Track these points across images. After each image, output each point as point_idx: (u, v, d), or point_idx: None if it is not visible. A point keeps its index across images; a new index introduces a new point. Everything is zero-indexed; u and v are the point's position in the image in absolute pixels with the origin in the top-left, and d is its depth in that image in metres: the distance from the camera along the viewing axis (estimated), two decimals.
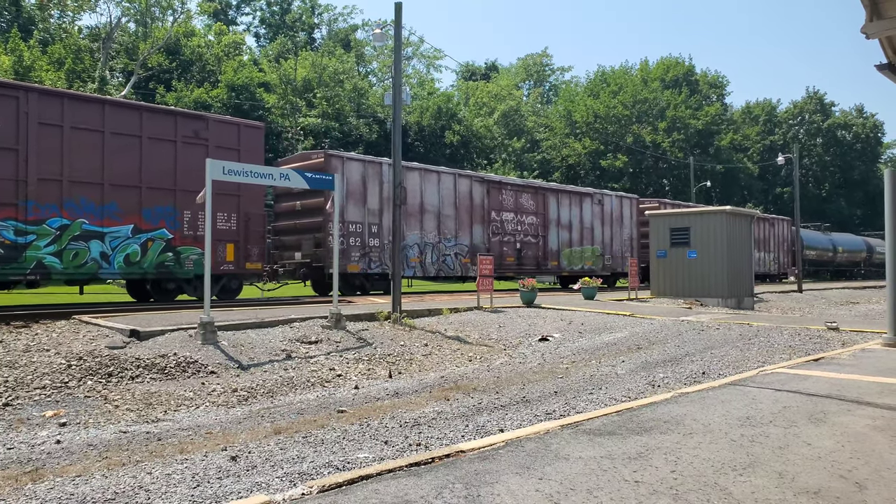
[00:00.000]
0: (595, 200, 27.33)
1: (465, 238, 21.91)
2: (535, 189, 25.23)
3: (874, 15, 6.70)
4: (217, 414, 6.91)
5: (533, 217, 24.63)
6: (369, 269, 19.17)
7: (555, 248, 25.26)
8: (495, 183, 23.65)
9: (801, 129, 71.05)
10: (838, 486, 3.63)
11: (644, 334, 12.05)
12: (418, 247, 20.45)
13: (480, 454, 4.25)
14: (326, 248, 17.82)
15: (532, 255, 24.36)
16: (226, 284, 15.97)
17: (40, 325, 10.37)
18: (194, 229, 14.91)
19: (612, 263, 27.72)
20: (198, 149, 14.79)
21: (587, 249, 26.69)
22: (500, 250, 23.04)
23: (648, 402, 5.87)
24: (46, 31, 43.57)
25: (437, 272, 21.16)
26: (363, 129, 48.20)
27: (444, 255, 21.21)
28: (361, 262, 18.95)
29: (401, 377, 9.02)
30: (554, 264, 25.22)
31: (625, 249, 28.43)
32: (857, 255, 49.48)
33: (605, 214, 27.68)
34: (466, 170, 23.05)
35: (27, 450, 5.50)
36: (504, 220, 23.49)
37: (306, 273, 18.91)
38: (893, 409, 5.46)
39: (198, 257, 14.74)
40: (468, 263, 21.66)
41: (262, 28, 65.41)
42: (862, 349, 9.45)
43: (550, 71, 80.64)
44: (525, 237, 24.21)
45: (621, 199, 28.97)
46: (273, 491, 3.80)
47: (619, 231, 28.37)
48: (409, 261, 20.00)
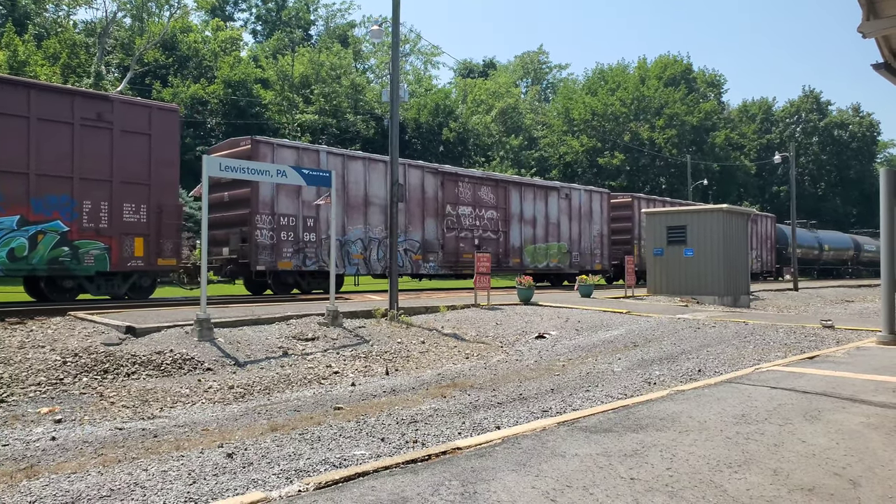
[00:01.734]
0: (562, 195, 26.00)
1: (417, 233, 20.60)
2: (496, 182, 23.89)
3: (871, 14, 6.70)
4: (213, 411, 6.91)
5: (493, 211, 23.28)
6: (304, 265, 17.81)
7: (517, 245, 23.96)
8: (451, 175, 22.17)
9: (798, 127, 71.24)
10: (832, 483, 3.64)
11: (640, 332, 12.07)
12: (362, 242, 19.12)
13: (477, 451, 4.25)
14: (253, 244, 16.70)
15: (492, 252, 22.84)
16: (137, 282, 14.72)
17: (35, 322, 10.33)
18: (96, 221, 13.46)
19: (581, 261, 26.59)
20: (101, 133, 13.52)
21: (553, 246, 25.41)
22: (455, 246, 21.77)
23: (645, 400, 5.88)
24: (42, 25, 43.39)
25: (385, 269, 19.41)
26: (360, 125, 48.15)
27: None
28: (295, 258, 17.62)
29: (398, 374, 9.02)
30: (516, 262, 23.99)
31: (594, 246, 27.38)
32: (844, 252, 48.47)
33: (572, 209, 26.36)
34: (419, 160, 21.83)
35: (22, 446, 5.49)
36: (461, 215, 22.14)
37: (233, 270, 17.67)
38: (888, 407, 5.48)
39: (101, 252, 13.52)
40: (420, 260, 20.61)
41: (258, 25, 65.28)
42: (857, 347, 9.48)
43: (548, 69, 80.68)
44: (484, 233, 22.88)
45: (590, 193, 27.72)
46: (269, 488, 3.80)
47: (588, 227, 27.13)
48: (350, 257, 18.83)
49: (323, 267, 17.98)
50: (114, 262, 13.77)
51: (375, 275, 20.27)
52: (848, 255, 48.90)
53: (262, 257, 16.90)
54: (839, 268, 49.03)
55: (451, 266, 21.61)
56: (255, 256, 16.75)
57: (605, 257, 27.75)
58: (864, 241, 51.35)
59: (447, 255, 21.46)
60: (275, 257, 17.12)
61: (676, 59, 63.05)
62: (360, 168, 19.07)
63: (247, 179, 15.07)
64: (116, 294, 14.30)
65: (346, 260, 18.69)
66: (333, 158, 18.46)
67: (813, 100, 71.88)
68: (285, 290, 18.00)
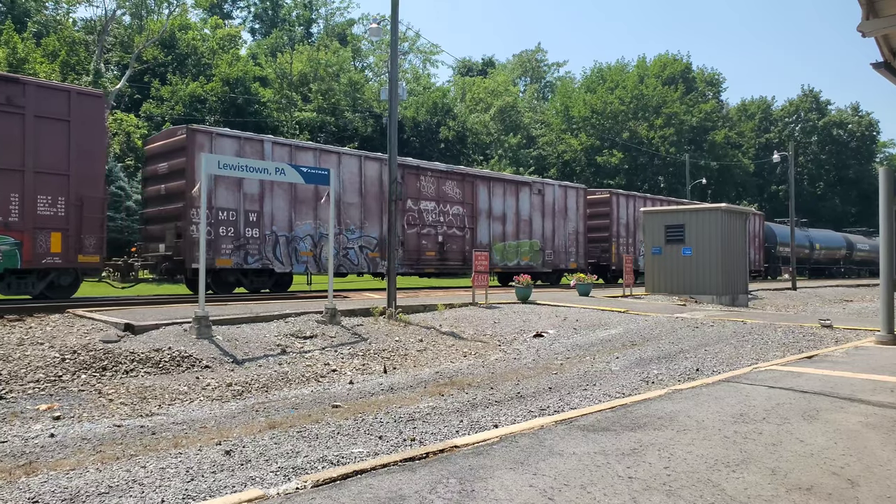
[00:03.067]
0: (534, 190, 24.80)
1: (374, 229, 19.41)
2: (462, 176, 22.54)
3: (871, 13, 6.71)
4: (211, 408, 6.91)
5: (459, 207, 22.05)
6: (245, 263, 16.66)
7: (485, 242, 22.80)
8: (412, 168, 20.98)
9: (797, 127, 71.31)
10: (831, 482, 3.65)
11: (638, 331, 12.09)
12: (311, 239, 17.99)
13: (475, 449, 4.25)
14: (188, 240, 15.60)
15: (457, 250, 21.84)
16: (55, 281, 13.68)
17: (34, 319, 10.33)
18: (5, 215, 12.45)
19: (554, 259, 25.48)
20: (11, 118, 12.49)
21: (524, 244, 24.25)
22: (417, 244, 20.63)
23: (642, 399, 5.88)
24: (41, 23, 43.31)
25: (338, 268, 18.57)
26: (358, 123, 48.13)
27: (345, 248, 18.76)
28: (235, 255, 16.47)
29: (395, 372, 9.03)
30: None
31: (569, 244, 26.20)
32: (836, 252, 47.29)
33: (545, 206, 25.17)
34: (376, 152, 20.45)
35: (21, 443, 5.49)
36: (423, 210, 20.94)
37: (169, 268, 16.48)
38: (886, 407, 5.49)
39: (10, 248, 12.55)
40: (377, 258, 19.43)
41: (256, 23, 65.24)
42: (855, 347, 9.49)
43: (546, 67, 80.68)
44: (449, 229, 21.60)
45: (565, 189, 26.55)
46: (267, 485, 3.80)
47: (563, 224, 25.96)
48: (298, 254, 17.69)
49: (267, 265, 17.09)
50: (26, 259, 12.74)
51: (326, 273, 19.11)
52: (840, 255, 47.93)
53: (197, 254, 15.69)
54: (831, 267, 47.88)
55: (412, 264, 20.62)
56: (189, 253, 15.61)
57: (580, 255, 26.77)
58: (858, 239, 50.15)
59: (408, 253, 20.44)
60: (212, 254, 16.01)
61: (676, 58, 63.09)
62: (310, 160, 17.98)
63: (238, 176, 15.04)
64: (31, 293, 13.38)
65: (294, 257, 17.65)
66: (280, 149, 17.52)
67: (812, 99, 71.94)
68: (226, 289, 16.93)
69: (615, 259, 28.17)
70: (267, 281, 17.62)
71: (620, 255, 27.77)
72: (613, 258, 28.19)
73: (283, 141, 18.21)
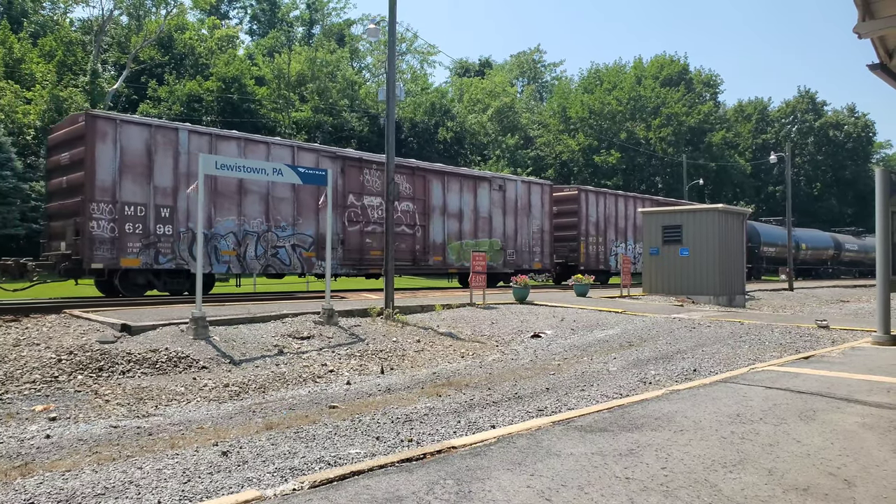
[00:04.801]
0: (494, 186, 23.47)
1: (309, 226, 18.03)
2: (413, 170, 20.94)
3: (867, 15, 6.72)
4: (208, 409, 6.90)
5: (409, 203, 20.56)
6: (156, 263, 15.36)
7: (439, 241, 21.42)
8: (354, 160, 19.51)
9: (793, 128, 71.37)
10: (827, 483, 3.65)
11: (636, 331, 12.10)
12: (235, 236, 16.57)
13: (472, 450, 4.25)
14: (86, 237, 14.34)
15: (407, 249, 20.45)
16: None
17: (30, 320, 10.31)
18: None
19: (517, 259, 24.09)
20: None
21: (483, 243, 22.87)
22: (359, 242, 19.26)
23: (640, 399, 5.89)
24: (38, 23, 43.23)
25: (266, 268, 17.29)
26: (356, 123, 48.12)
27: (275, 246, 17.34)
28: (144, 254, 15.13)
29: (393, 373, 9.02)
30: (437, 259, 21.37)
31: (533, 243, 24.78)
32: (823, 252, 45.79)
33: (507, 202, 23.85)
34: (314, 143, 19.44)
35: (16, 444, 5.47)
36: (367, 206, 19.53)
37: (68, 268, 15.07)
38: (882, 407, 5.50)
39: None
40: (312, 258, 18.07)
41: (253, 24, 65.21)
42: (852, 347, 9.51)
43: (544, 68, 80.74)
44: (397, 227, 20.15)
45: (529, 185, 25.18)
46: (264, 486, 3.80)
47: (527, 222, 24.56)
48: (219, 253, 16.26)
49: (182, 265, 15.77)
50: None
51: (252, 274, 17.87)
52: (828, 255, 46.54)
53: (98, 253, 14.51)
54: (818, 268, 46.47)
55: (353, 264, 19.26)
56: (88, 252, 14.31)
57: (546, 255, 25.43)
58: (846, 239, 48.93)
59: (349, 253, 19.09)
60: (116, 253, 14.73)
61: (673, 59, 63.16)
62: (233, 150, 16.54)
63: (242, 177, 14.97)
64: None
65: (214, 257, 16.23)
66: (197, 138, 16.12)
67: (808, 100, 72.03)
68: (137, 291, 15.72)
69: (584, 259, 27.07)
70: (183, 283, 16.30)
71: (590, 255, 26.98)
72: (582, 258, 27.02)
73: (202, 129, 16.93)
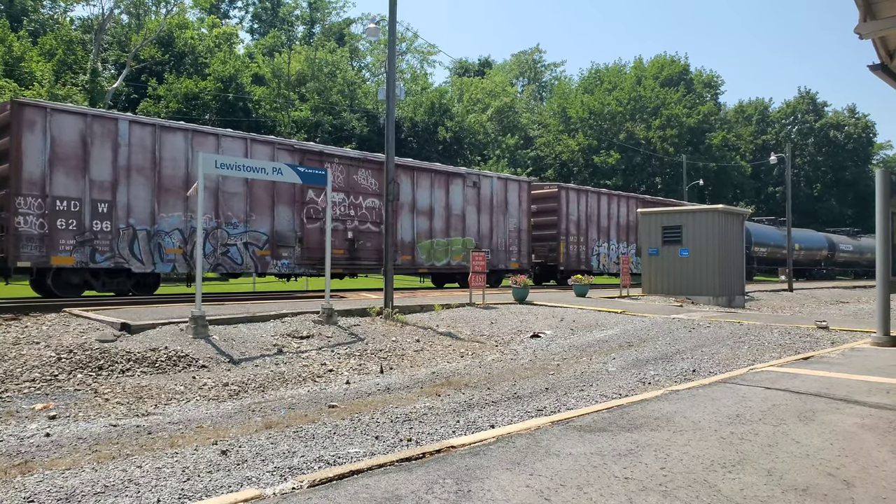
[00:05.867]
0: (468, 182, 22.51)
1: (264, 223, 17.14)
2: (379, 165, 19.65)
3: (868, 15, 6.72)
4: (208, 408, 6.90)
5: (375, 199, 19.61)
6: (93, 262, 14.36)
7: (408, 239, 20.54)
8: (314, 154, 18.53)
9: (794, 128, 71.39)
10: (826, 483, 3.65)
11: (635, 332, 12.10)
12: (181, 233, 15.63)
13: (471, 450, 4.25)
14: (11, 234, 13.51)
15: (373, 248, 19.48)
16: None
17: (30, 318, 10.31)
18: None
19: (492, 259, 23.08)
20: None
21: (456, 241, 21.90)
22: (320, 240, 18.00)
23: (639, 400, 5.89)
24: (38, 21, 43.22)
25: (216, 267, 16.36)
26: (355, 123, 48.11)
27: (226, 244, 16.36)
28: (78, 252, 14.20)
29: (392, 373, 9.02)
30: (406, 259, 20.46)
31: (510, 242, 23.88)
32: (816, 252, 45.20)
33: (482, 199, 22.92)
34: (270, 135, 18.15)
35: (16, 443, 5.47)
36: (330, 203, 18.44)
37: None
38: (882, 408, 5.50)
39: None
40: (267, 256, 17.18)
41: (254, 23, 65.21)
42: (851, 348, 9.51)
43: (543, 68, 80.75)
44: (362, 224, 19.19)
45: (505, 181, 24.24)
46: (263, 485, 3.80)
47: (503, 220, 23.68)
48: (163, 251, 15.33)
49: (122, 264, 14.79)
50: None
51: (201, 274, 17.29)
52: (821, 255, 45.95)
53: (25, 251, 13.64)
54: (811, 268, 45.86)
55: (313, 264, 18.14)
56: (14, 250, 13.48)
57: (523, 255, 24.53)
58: (841, 240, 48.52)
59: (309, 251, 18.02)
60: (46, 251, 13.83)
61: (674, 59, 63.14)
62: (180, 143, 15.61)
63: (242, 176, 14.91)
64: None
65: (158, 255, 15.28)
66: (140, 129, 15.09)
67: (809, 101, 72.03)
68: (72, 291, 14.74)
69: (564, 259, 26.31)
70: (125, 282, 15.36)
71: (570, 255, 26.31)
72: (562, 258, 26.30)
73: (144, 120, 15.85)
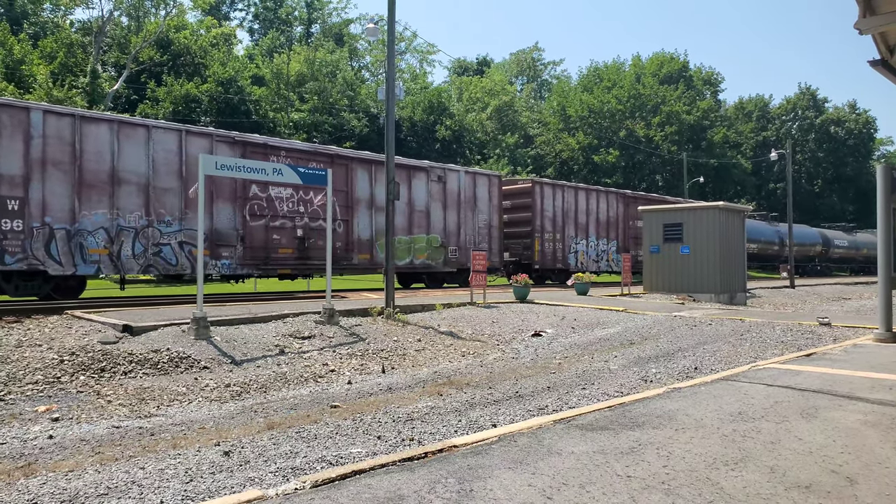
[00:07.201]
0: (433, 176, 21.32)
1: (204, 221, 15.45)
2: (331, 157, 18.61)
3: (867, 11, 6.71)
4: (210, 409, 6.90)
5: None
6: (2, 263, 13.27)
7: (366, 237, 19.26)
8: (258, 146, 17.26)
9: (794, 124, 71.29)
10: (829, 480, 3.65)
11: (636, 329, 12.09)
12: (106, 232, 14.46)
13: (473, 449, 4.25)
14: None
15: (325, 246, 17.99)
16: None
17: (32, 320, 10.32)
18: None
19: (460, 257, 21.85)
20: None
21: (419, 239, 20.74)
22: (265, 238, 17.04)
23: (641, 398, 5.89)
24: (38, 24, 43.26)
25: (147, 268, 15.23)
26: (355, 123, 48.10)
27: (158, 244, 15.29)
28: None
29: (394, 372, 9.02)
30: (364, 258, 19.23)
31: (480, 239, 22.65)
32: (810, 248, 44.36)
33: (448, 195, 21.71)
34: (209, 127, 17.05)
35: (19, 445, 5.48)
36: (275, 198, 17.31)
37: None
38: (884, 405, 5.50)
39: None
40: (206, 257, 15.78)
41: (255, 23, 65.22)
42: (853, 345, 9.50)
43: (543, 66, 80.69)
44: (314, 222, 18.04)
45: (474, 176, 22.97)
46: (266, 486, 3.80)
47: (472, 217, 22.47)
48: (85, 252, 14.20)
49: (35, 266, 13.64)
50: None
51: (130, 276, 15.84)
52: (815, 251, 45.08)
53: None
54: (804, 265, 44.63)
55: (258, 264, 17.04)
56: None
57: (495, 252, 23.29)
58: (835, 235, 47.77)
59: (252, 251, 16.84)
60: None
61: (673, 56, 63.08)
62: (104, 134, 14.48)
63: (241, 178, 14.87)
64: None
65: (80, 255, 14.15)
66: (56, 120, 13.85)
67: (809, 97, 71.93)
68: None
69: (538, 257, 25.26)
70: (42, 286, 14.14)
71: (545, 253, 25.40)
72: (537, 255, 25.20)
73: (60, 109, 14.59)
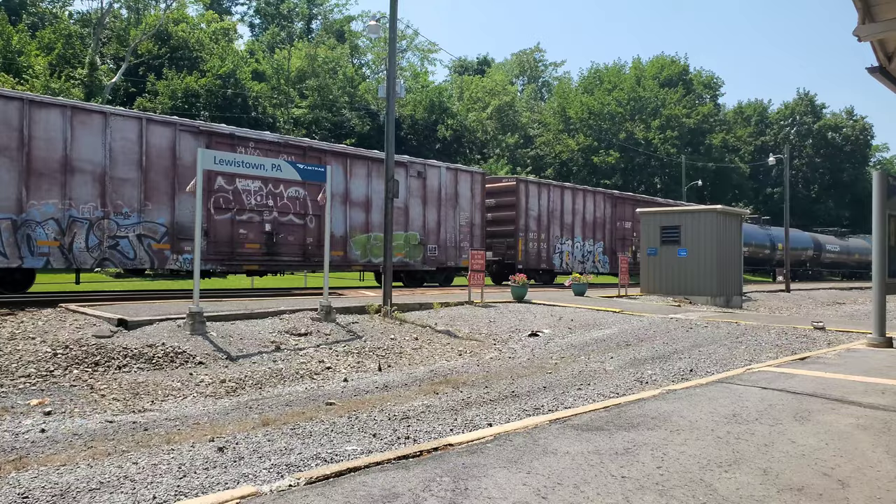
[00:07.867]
0: (412, 172, 20.54)
1: (162, 213, 15.22)
2: (304, 150, 17.88)
3: (867, 18, 6.73)
4: (205, 405, 6.89)
5: (300, 188, 17.52)
6: None
7: (340, 233, 18.56)
8: (224, 136, 16.46)
9: (792, 130, 71.42)
10: (821, 483, 3.66)
11: (633, 331, 12.11)
12: (57, 224, 13.87)
13: (469, 448, 4.25)
14: None
15: (296, 242, 17.61)
16: None
17: (26, 313, 10.28)
18: None
19: (440, 255, 21.28)
20: None
21: (398, 236, 20.04)
22: (231, 233, 16.36)
23: (636, 399, 5.89)
24: (37, 15, 43.11)
25: (102, 262, 14.61)
26: (355, 120, 48.05)
27: (115, 237, 14.60)
28: None
29: (390, 370, 9.02)
30: (338, 255, 18.47)
31: (461, 238, 21.98)
32: (801, 252, 44.08)
33: (428, 191, 20.98)
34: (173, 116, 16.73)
35: (11, 438, 5.46)
36: (242, 191, 16.56)
37: None
38: (877, 409, 5.51)
39: None
40: (166, 250, 15.27)
41: (256, 18, 65.09)
42: (847, 349, 9.53)
43: (543, 67, 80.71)
44: (284, 216, 17.33)
45: (456, 172, 22.14)
46: (260, 482, 3.80)
47: (453, 214, 21.75)
48: (33, 243, 13.53)
49: None
50: None
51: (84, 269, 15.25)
52: (806, 255, 44.96)
53: None
54: (795, 269, 44.25)
55: (223, 259, 16.31)
56: None
57: None
58: (827, 240, 47.79)
59: (217, 245, 16.17)
60: None
61: (674, 59, 63.17)
62: (56, 120, 13.79)
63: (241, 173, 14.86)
64: None
65: (28, 247, 13.46)
66: (2, 104, 13.18)
67: (807, 102, 72.09)
68: None
69: (522, 256, 24.67)
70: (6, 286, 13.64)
71: (529, 252, 24.87)
72: (521, 255, 24.58)
73: (6, 93, 13.77)
